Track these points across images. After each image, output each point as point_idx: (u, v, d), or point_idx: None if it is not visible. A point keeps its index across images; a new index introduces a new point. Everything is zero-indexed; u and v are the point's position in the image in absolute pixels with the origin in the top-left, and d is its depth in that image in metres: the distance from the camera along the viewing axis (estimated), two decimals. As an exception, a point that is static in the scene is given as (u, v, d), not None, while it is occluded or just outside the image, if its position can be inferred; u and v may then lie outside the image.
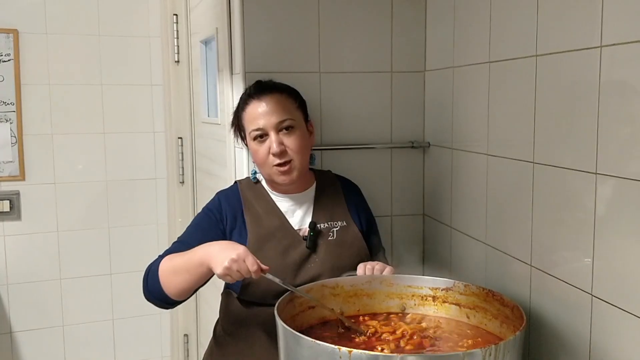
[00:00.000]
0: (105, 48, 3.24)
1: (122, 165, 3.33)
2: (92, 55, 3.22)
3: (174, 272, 1.57)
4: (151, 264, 1.65)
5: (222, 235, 1.70)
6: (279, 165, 1.66)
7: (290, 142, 1.67)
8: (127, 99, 3.31)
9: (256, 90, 1.73)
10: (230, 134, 2.14)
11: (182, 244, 1.67)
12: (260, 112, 1.68)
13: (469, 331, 1.50)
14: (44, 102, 3.15)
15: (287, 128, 1.68)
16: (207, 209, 1.75)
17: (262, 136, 1.68)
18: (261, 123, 1.67)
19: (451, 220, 2.01)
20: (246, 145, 1.78)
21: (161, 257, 1.66)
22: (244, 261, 1.45)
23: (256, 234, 1.68)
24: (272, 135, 1.66)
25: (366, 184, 1.96)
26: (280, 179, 1.69)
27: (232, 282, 1.50)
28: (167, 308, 1.69)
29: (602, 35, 1.27)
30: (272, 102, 1.68)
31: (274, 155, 1.66)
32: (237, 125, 1.78)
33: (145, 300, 1.70)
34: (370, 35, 2.08)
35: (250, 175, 1.81)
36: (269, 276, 1.47)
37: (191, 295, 1.64)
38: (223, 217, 1.72)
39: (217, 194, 1.80)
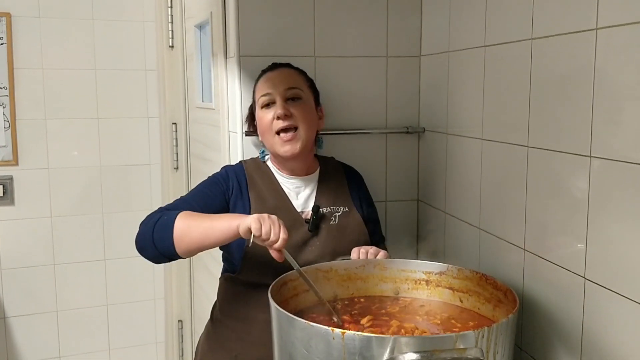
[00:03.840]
0: (99, 32, 3.22)
1: (116, 150, 3.32)
2: (86, 39, 3.20)
3: (196, 227, 1.50)
4: (158, 215, 1.57)
5: (226, 205, 1.68)
6: (283, 131, 1.67)
7: (296, 110, 1.69)
8: (121, 84, 3.29)
9: (271, 66, 1.81)
10: (225, 119, 2.14)
11: (186, 203, 1.64)
12: (271, 82, 1.73)
13: (462, 314, 1.51)
14: (38, 86, 3.13)
15: (294, 98, 1.71)
16: (214, 177, 1.74)
17: (269, 104, 1.71)
18: (270, 89, 1.71)
19: (445, 205, 2.01)
20: (255, 127, 1.79)
21: (164, 209, 1.61)
22: (279, 226, 1.42)
23: (259, 212, 1.67)
24: (279, 101, 1.69)
25: (361, 169, 1.95)
26: (283, 149, 1.68)
27: (256, 237, 1.42)
28: (159, 262, 1.62)
29: (597, 17, 1.27)
30: (283, 73, 1.75)
31: (278, 117, 1.67)
32: (252, 104, 1.81)
33: (139, 287, 1.67)
34: (366, 20, 2.07)
35: (259, 155, 1.82)
36: (289, 257, 1.44)
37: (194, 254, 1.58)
38: (230, 187, 1.71)
39: (224, 167, 1.80)
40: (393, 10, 2.09)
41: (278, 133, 1.69)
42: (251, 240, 1.43)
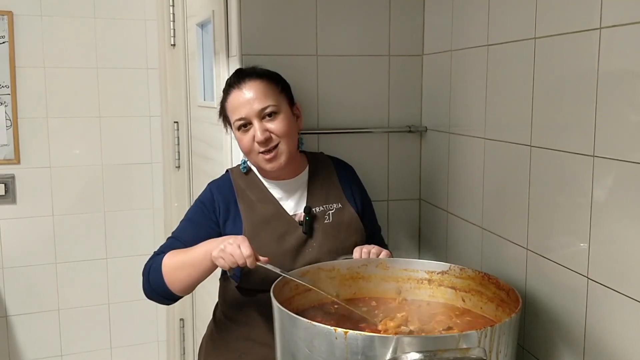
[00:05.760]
0: (101, 31, 3.22)
1: (118, 149, 3.32)
2: (88, 38, 3.20)
3: (179, 267, 1.58)
4: (150, 262, 1.66)
5: (216, 227, 1.69)
6: (265, 152, 1.65)
7: (274, 127, 1.64)
8: (122, 83, 3.28)
9: (236, 78, 1.70)
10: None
11: (177, 240, 1.68)
12: (242, 101, 1.65)
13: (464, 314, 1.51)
14: (39, 85, 3.13)
15: (270, 114, 1.65)
16: (200, 202, 1.74)
17: (245, 125, 1.66)
18: (243, 112, 1.65)
19: (447, 205, 2.01)
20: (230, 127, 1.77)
21: (157, 253, 1.67)
22: (239, 246, 1.45)
23: (251, 222, 1.68)
24: (256, 123, 1.64)
25: (363, 168, 1.95)
26: (269, 166, 1.66)
27: (226, 269, 1.50)
28: (168, 304, 1.71)
29: (601, 17, 1.26)
30: (252, 90, 1.66)
31: (259, 143, 1.63)
32: (223, 115, 1.76)
33: (141, 286, 1.70)
34: (368, 18, 2.07)
35: (241, 165, 1.79)
36: (268, 266, 1.48)
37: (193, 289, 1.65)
38: (216, 208, 1.70)
39: (209, 184, 1.77)
40: (395, 9, 2.09)
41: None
42: (230, 274, 1.62)
